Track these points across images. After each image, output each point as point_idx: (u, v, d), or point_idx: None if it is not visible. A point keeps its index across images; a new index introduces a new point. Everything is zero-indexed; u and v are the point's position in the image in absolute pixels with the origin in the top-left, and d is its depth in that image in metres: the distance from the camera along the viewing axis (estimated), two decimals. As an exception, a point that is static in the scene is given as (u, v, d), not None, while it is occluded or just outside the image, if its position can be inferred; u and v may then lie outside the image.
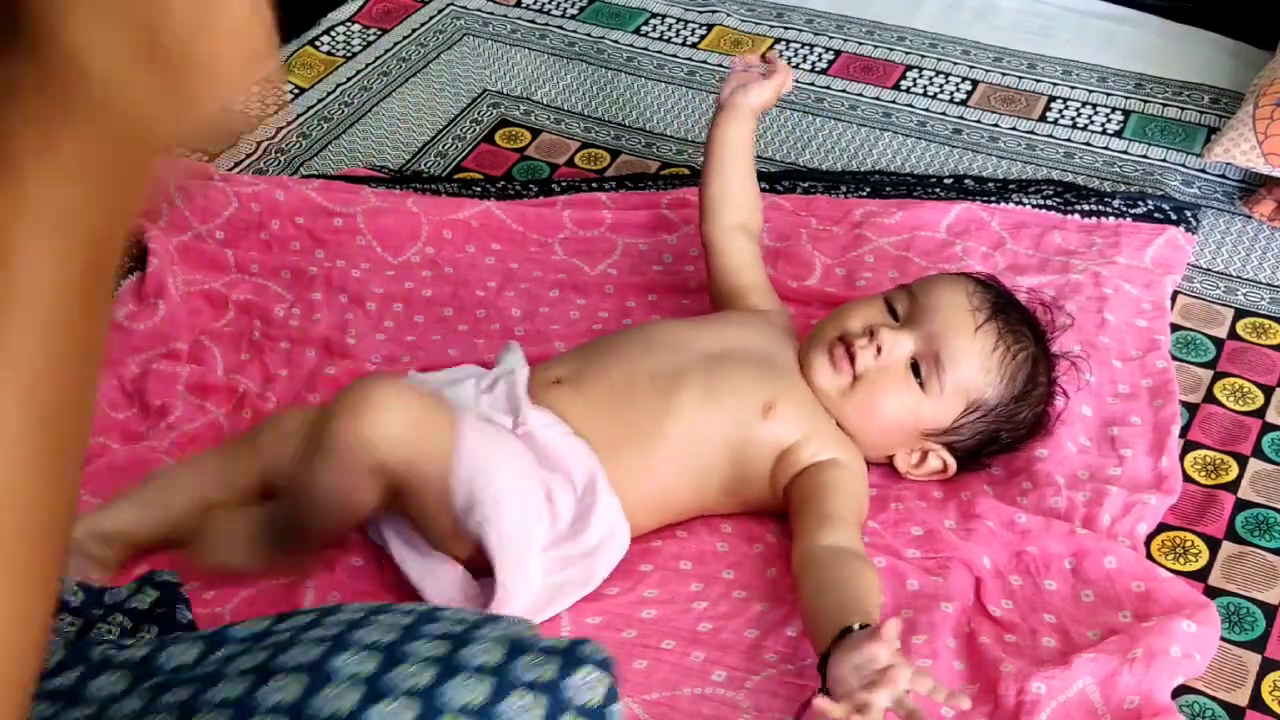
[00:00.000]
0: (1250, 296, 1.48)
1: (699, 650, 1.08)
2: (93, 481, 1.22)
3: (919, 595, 1.13)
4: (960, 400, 1.18)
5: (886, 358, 1.18)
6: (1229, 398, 1.35)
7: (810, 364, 1.21)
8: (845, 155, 1.72)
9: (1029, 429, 1.23)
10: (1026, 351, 1.20)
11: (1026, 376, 1.20)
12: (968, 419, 1.19)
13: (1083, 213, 1.56)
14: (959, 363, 1.17)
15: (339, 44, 1.90)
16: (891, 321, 1.20)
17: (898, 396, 1.18)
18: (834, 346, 1.20)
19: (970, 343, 1.18)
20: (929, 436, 1.20)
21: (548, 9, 2.01)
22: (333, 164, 1.69)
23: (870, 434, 1.20)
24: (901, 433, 1.20)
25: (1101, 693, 1.04)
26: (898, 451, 1.22)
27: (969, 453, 1.22)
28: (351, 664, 0.75)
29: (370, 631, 0.79)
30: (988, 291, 1.22)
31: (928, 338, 1.18)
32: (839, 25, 1.97)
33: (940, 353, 1.17)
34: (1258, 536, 1.21)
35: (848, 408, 1.19)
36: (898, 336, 1.18)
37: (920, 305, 1.20)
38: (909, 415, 1.19)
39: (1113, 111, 1.78)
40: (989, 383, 1.18)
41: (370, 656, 0.76)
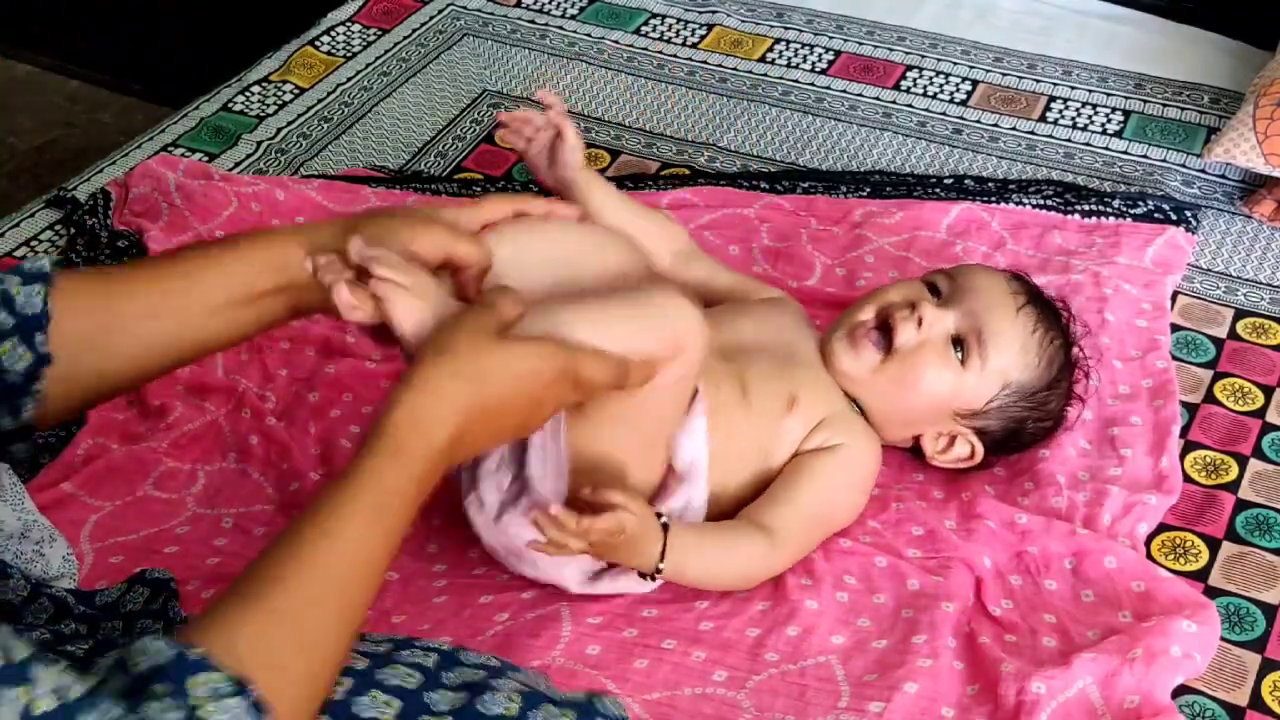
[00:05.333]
0: (1250, 296, 1.48)
1: (700, 649, 1.08)
2: (92, 482, 1.22)
3: (919, 595, 1.13)
4: (998, 380, 1.19)
5: (927, 331, 1.18)
6: (1229, 398, 1.35)
7: (834, 350, 1.21)
8: (845, 155, 1.72)
9: (1053, 422, 1.24)
10: (1061, 340, 1.22)
11: (1060, 365, 1.21)
12: (1001, 400, 1.19)
13: (1083, 213, 1.56)
14: (1001, 341, 1.18)
15: (339, 44, 1.90)
16: (932, 298, 1.21)
17: (937, 371, 1.18)
18: (860, 330, 1.20)
19: (1012, 323, 1.19)
20: (960, 418, 1.20)
21: (548, 9, 2.01)
22: (333, 164, 1.69)
23: (901, 411, 1.20)
24: (934, 410, 1.20)
25: (1101, 693, 1.04)
26: (926, 432, 1.22)
27: (994, 441, 1.22)
28: (374, 710, 0.78)
29: (393, 674, 0.82)
30: (1022, 282, 1.24)
31: (970, 315, 1.19)
32: (839, 25, 1.97)
33: (983, 330, 1.18)
34: (1258, 536, 1.21)
35: (880, 385, 1.19)
36: (939, 312, 1.19)
37: (960, 286, 1.21)
38: (946, 391, 1.19)
39: (1113, 112, 1.78)
40: (1027, 364, 1.19)
41: (391, 701, 0.79)
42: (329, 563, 0.76)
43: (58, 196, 1.58)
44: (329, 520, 0.78)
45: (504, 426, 0.91)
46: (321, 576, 0.76)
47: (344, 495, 0.79)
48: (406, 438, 0.83)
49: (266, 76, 1.81)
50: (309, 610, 0.75)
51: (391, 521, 0.81)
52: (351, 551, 0.78)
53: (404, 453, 0.82)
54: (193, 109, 1.76)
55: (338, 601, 0.77)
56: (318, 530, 0.77)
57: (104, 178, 1.61)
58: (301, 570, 0.75)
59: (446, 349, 0.87)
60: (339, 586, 0.77)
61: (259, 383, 1.34)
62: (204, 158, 1.66)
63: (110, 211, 1.52)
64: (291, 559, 0.76)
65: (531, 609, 1.11)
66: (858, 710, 1.03)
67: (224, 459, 1.28)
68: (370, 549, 0.79)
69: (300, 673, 0.73)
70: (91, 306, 0.91)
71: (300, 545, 0.76)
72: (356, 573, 0.78)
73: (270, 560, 0.76)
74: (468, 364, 0.87)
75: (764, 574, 1.13)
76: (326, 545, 0.77)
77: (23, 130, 2.59)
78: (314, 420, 1.30)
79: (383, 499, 0.80)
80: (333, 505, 0.78)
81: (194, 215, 1.48)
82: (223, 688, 0.68)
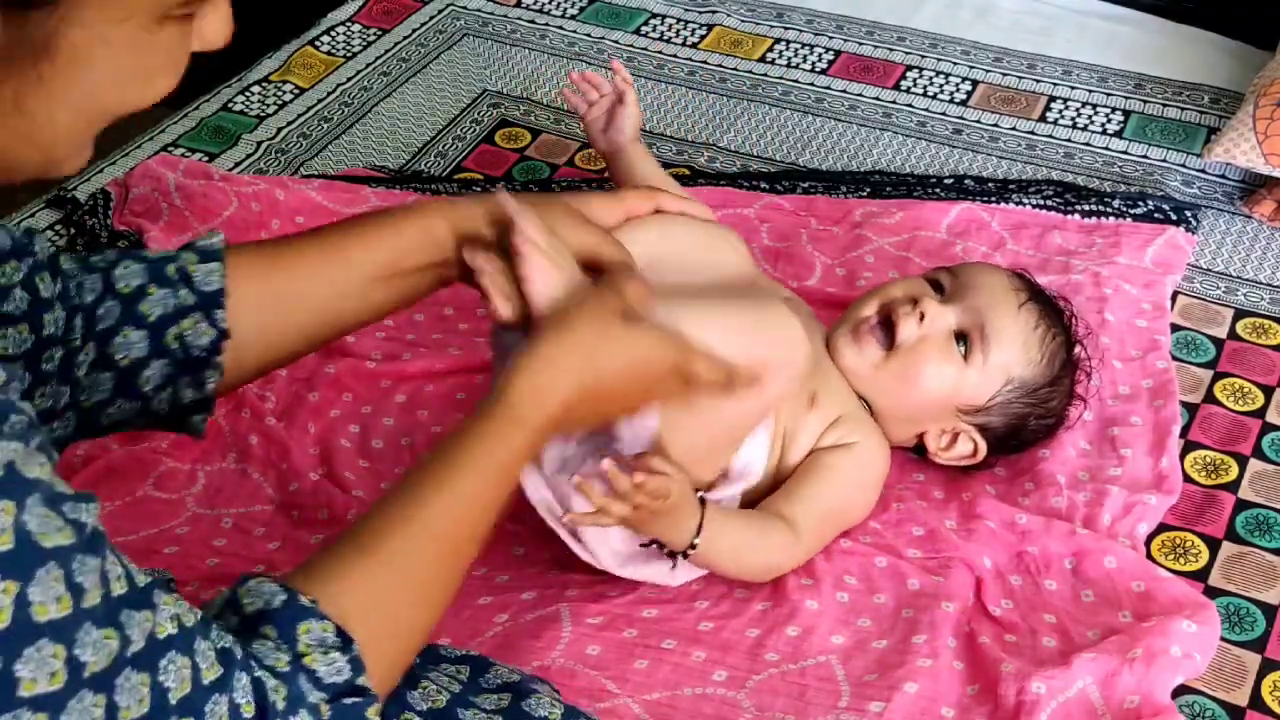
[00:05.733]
0: (1250, 296, 1.48)
1: (700, 649, 1.08)
2: (92, 482, 1.22)
3: (920, 595, 1.13)
4: (1000, 376, 1.19)
5: (929, 326, 1.18)
6: (1229, 398, 1.35)
7: (838, 345, 1.21)
8: (845, 155, 1.72)
9: (1054, 420, 1.24)
10: (1063, 336, 1.22)
11: (1062, 361, 1.21)
12: (1004, 396, 1.19)
13: (1083, 213, 1.56)
14: (1003, 337, 1.18)
15: (339, 44, 1.90)
16: (935, 295, 1.21)
17: (939, 366, 1.18)
18: (863, 325, 1.20)
19: (1014, 320, 1.19)
20: (963, 414, 1.20)
21: (548, 9, 2.01)
22: (333, 164, 1.69)
23: (904, 407, 1.20)
24: (937, 406, 1.20)
25: (1101, 692, 1.04)
26: (929, 429, 1.22)
27: (997, 438, 1.22)
28: (424, 702, 0.82)
29: (423, 696, 0.85)
30: (1023, 279, 1.24)
31: (972, 311, 1.19)
32: (839, 25, 1.97)
33: (985, 326, 1.18)
34: (1258, 536, 1.21)
35: (883, 381, 1.19)
36: (942, 308, 1.19)
37: (963, 283, 1.21)
38: (948, 386, 1.19)
39: (1113, 111, 1.78)
40: (1029, 360, 1.19)
41: None
42: (442, 519, 0.80)
43: (58, 196, 1.58)
44: (446, 478, 0.81)
45: (611, 408, 0.94)
46: (434, 532, 0.79)
47: (461, 455, 0.82)
48: (524, 406, 0.86)
49: (266, 76, 1.81)
50: (419, 564, 0.78)
51: (501, 485, 0.84)
52: (464, 510, 0.81)
53: (521, 420, 0.85)
54: (193, 109, 1.76)
55: (447, 558, 0.80)
56: (434, 486, 0.80)
57: (104, 178, 1.61)
58: (415, 524, 0.78)
59: (573, 325, 0.90)
60: (449, 544, 0.80)
61: (259, 383, 1.33)
62: (204, 158, 1.66)
63: (110, 211, 1.52)
64: (406, 513, 0.79)
65: (531, 610, 1.11)
66: (858, 710, 1.03)
67: (223, 459, 1.27)
68: (481, 509, 0.82)
69: (403, 626, 0.77)
70: (261, 284, 0.96)
71: (416, 501, 0.79)
72: (465, 531, 0.81)
73: (385, 514, 0.79)
74: (589, 343, 0.90)
75: (786, 566, 1.13)
76: (441, 502, 0.80)
77: (23, 130, 2.58)
78: (314, 420, 1.30)
79: (496, 461, 0.83)
80: (450, 463, 0.82)
81: (194, 215, 1.48)
82: (329, 638, 0.72)
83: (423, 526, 0.79)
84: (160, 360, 0.93)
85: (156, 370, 0.93)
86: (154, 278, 0.93)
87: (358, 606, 0.74)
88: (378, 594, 0.76)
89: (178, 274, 0.94)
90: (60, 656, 0.59)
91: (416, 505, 0.79)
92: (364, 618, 0.74)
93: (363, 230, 1.00)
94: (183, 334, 0.93)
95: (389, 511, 0.79)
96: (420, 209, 1.02)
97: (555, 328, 0.90)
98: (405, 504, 0.79)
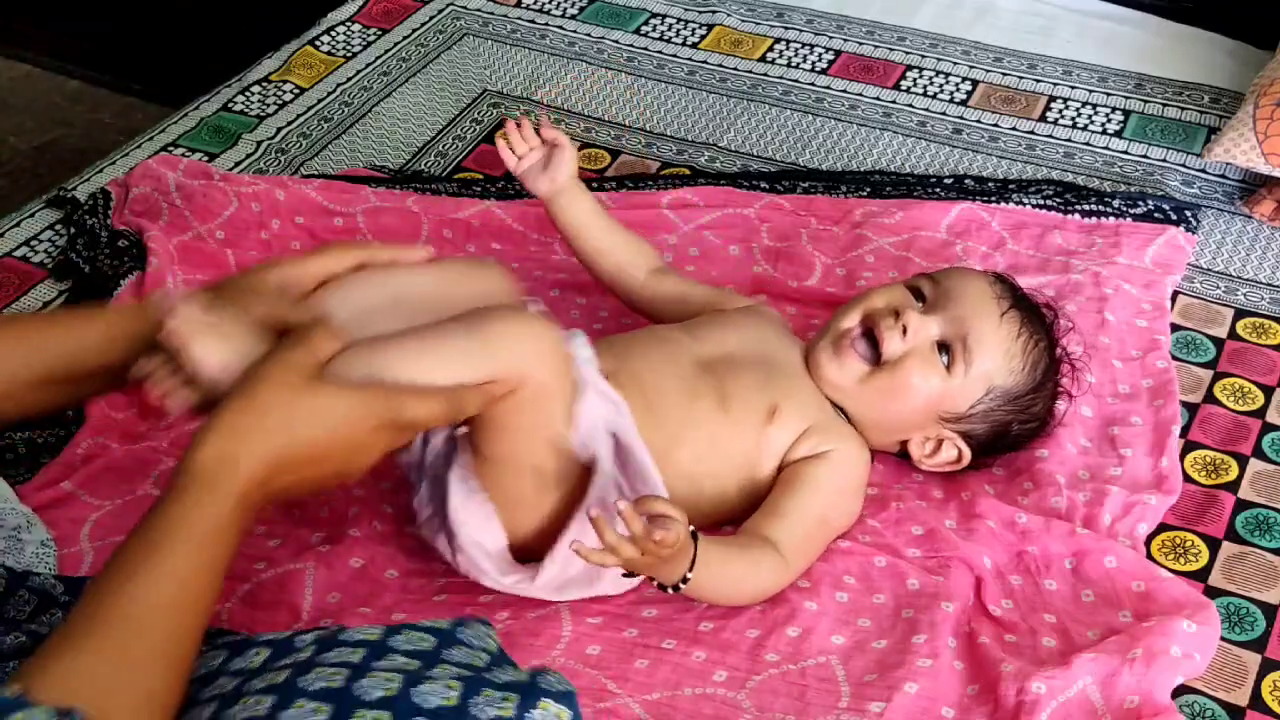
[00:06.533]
0: (1250, 296, 1.48)
1: (700, 650, 1.08)
2: (92, 481, 1.22)
3: (919, 594, 1.13)
4: (982, 385, 1.19)
5: (912, 340, 1.18)
6: (1229, 398, 1.35)
7: (820, 360, 1.20)
8: (845, 155, 1.72)
9: (1039, 424, 1.24)
10: (1045, 343, 1.21)
11: (1045, 368, 1.21)
12: (985, 404, 1.19)
13: (1083, 213, 1.56)
14: (985, 346, 1.18)
15: (339, 44, 1.90)
16: (916, 304, 1.21)
17: (923, 377, 1.18)
18: (845, 340, 1.19)
19: (996, 328, 1.19)
20: (945, 422, 1.20)
21: (548, 9, 2.01)
22: (333, 164, 1.69)
23: (889, 418, 1.20)
24: (920, 415, 1.20)
25: (1101, 692, 1.04)
26: (912, 437, 1.22)
27: (980, 444, 1.22)
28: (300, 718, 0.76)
29: (317, 676, 0.80)
30: (1006, 284, 1.23)
31: (954, 321, 1.19)
32: (839, 25, 1.97)
33: (968, 336, 1.18)
34: (1258, 536, 1.21)
35: (867, 394, 1.19)
36: (924, 319, 1.19)
37: (945, 290, 1.21)
38: (932, 397, 1.19)
39: (1113, 111, 1.78)
40: (1011, 369, 1.19)
41: (320, 709, 0.77)
42: (150, 597, 0.78)
43: (58, 196, 1.58)
44: (145, 558, 0.79)
45: (323, 471, 0.90)
46: (143, 614, 0.78)
47: (160, 535, 0.81)
48: (212, 476, 0.83)
49: (266, 76, 1.81)
50: (134, 644, 0.77)
51: (207, 555, 0.81)
52: (171, 586, 0.79)
53: (213, 490, 0.83)
54: (193, 109, 1.76)
55: (163, 633, 0.78)
56: (141, 565, 0.79)
57: (104, 178, 1.61)
58: (129, 608, 0.77)
59: (254, 391, 0.87)
60: (162, 620, 0.78)
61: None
62: (204, 158, 1.66)
63: (110, 211, 1.52)
64: (118, 597, 0.78)
65: (532, 609, 1.11)
66: (858, 710, 1.03)
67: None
68: (191, 581, 0.80)
69: (130, 701, 0.75)
70: None
71: (120, 583, 0.78)
72: (178, 605, 0.79)
73: (93, 601, 0.78)
74: (275, 413, 0.86)
75: (777, 589, 1.12)
76: (147, 583, 0.78)
77: (23, 130, 2.59)
78: (314, 420, 1.30)
79: (196, 534, 0.81)
80: (149, 544, 0.80)
81: (194, 215, 1.48)
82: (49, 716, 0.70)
83: (132, 610, 0.77)
84: None
85: None
86: None
87: (82, 690, 0.73)
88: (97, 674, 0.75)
89: None
90: None
91: (120, 587, 0.78)
92: (87, 697, 0.72)
93: (26, 331, 0.98)
94: None
95: (99, 598, 0.78)
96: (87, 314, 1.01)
97: (237, 395, 0.87)
98: (110, 589, 0.78)
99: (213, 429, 0.85)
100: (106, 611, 0.77)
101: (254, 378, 0.88)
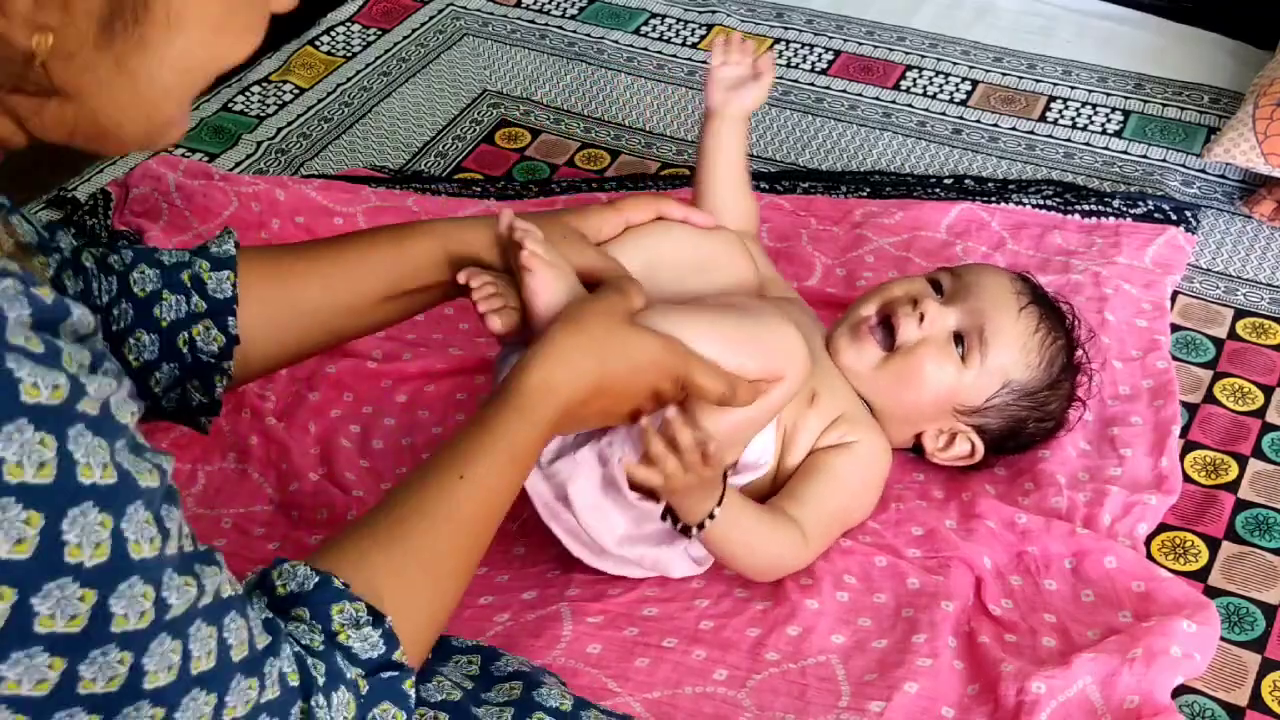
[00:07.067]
0: (1250, 296, 1.49)
1: (700, 648, 1.08)
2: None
3: (919, 594, 1.13)
4: (998, 378, 1.19)
5: (929, 328, 1.18)
6: (1229, 398, 1.35)
7: (838, 345, 1.21)
8: (845, 155, 1.72)
9: (1053, 423, 1.24)
10: (1063, 341, 1.22)
11: (1061, 366, 1.21)
12: (1001, 399, 1.19)
13: (1083, 213, 1.56)
14: (1002, 340, 1.18)
15: (339, 44, 1.90)
16: (935, 295, 1.21)
17: (938, 366, 1.18)
18: (863, 325, 1.20)
19: (1014, 323, 1.19)
20: (960, 415, 1.20)
21: (548, 9, 2.01)
22: (333, 164, 1.69)
23: (902, 407, 1.20)
24: (934, 406, 1.20)
25: (1101, 692, 1.04)
26: (927, 430, 1.22)
27: (995, 439, 1.22)
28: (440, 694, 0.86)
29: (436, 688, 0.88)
30: (1026, 282, 1.24)
31: (972, 313, 1.19)
32: (839, 25, 1.97)
33: (985, 328, 1.18)
34: (1258, 536, 1.21)
35: (882, 381, 1.19)
36: (942, 310, 1.19)
37: (965, 283, 1.21)
38: (946, 387, 1.19)
39: (1113, 111, 1.78)
40: (1028, 363, 1.19)
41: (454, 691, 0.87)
42: (462, 506, 0.83)
43: (58, 196, 1.58)
44: (464, 466, 0.84)
45: (616, 407, 0.96)
46: (455, 518, 0.83)
47: (478, 444, 0.86)
48: (537, 399, 0.89)
49: (266, 76, 1.81)
50: (441, 548, 0.82)
51: (515, 474, 0.88)
52: (481, 497, 0.85)
53: (534, 413, 0.89)
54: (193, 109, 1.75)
55: (466, 542, 0.84)
56: (453, 474, 0.84)
57: (104, 178, 1.61)
58: (438, 511, 0.82)
59: (581, 324, 0.93)
60: (468, 529, 0.84)
61: (259, 382, 1.33)
62: (204, 158, 1.66)
63: (110, 211, 1.52)
64: (428, 500, 0.82)
65: (532, 609, 1.11)
66: (858, 710, 1.03)
67: (224, 459, 1.28)
68: (496, 496, 0.86)
69: (428, 607, 0.80)
70: (271, 293, 0.99)
71: (436, 488, 0.83)
72: (483, 517, 0.85)
73: (406, 500, 0.82)
74: (598, 340, 0.93)
75: (792, 566, 1.13)
76: (462, 490, 0.84)
77: (23, 130, 2.58)
78: (314, 420, 1.30)
79: (511, 452, 0.87)
80: (467, 452, 0.85)
81: (194, 215, 1.48)
82: (362, 617, 0.75)
83: (441, 513, 0.82)
84: (171, 363, 0.96)
85: (167, 372, 0.96)
86: (168, 283, 0.96)
87: (387, 589, 0.77)
88: (403, 577, 0.79)
89: (191, 281, 0.97)
90: (149, 597, 0.62)
91: (436, 491, 0.83)
92: (392, 599, 0.77)
93: (370, 249, 1.03)
94: (194, 339, 0.96)
95: (408, 499, 0.83)
96: (425, 230, 1.05)
97: (565, 326, 0.93)
98: (424, 491, 0.83)
99: (542, 354, 0.91)
100: (415, 512, 0.82)
101: (583, 312, 0.94)
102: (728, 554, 1.10)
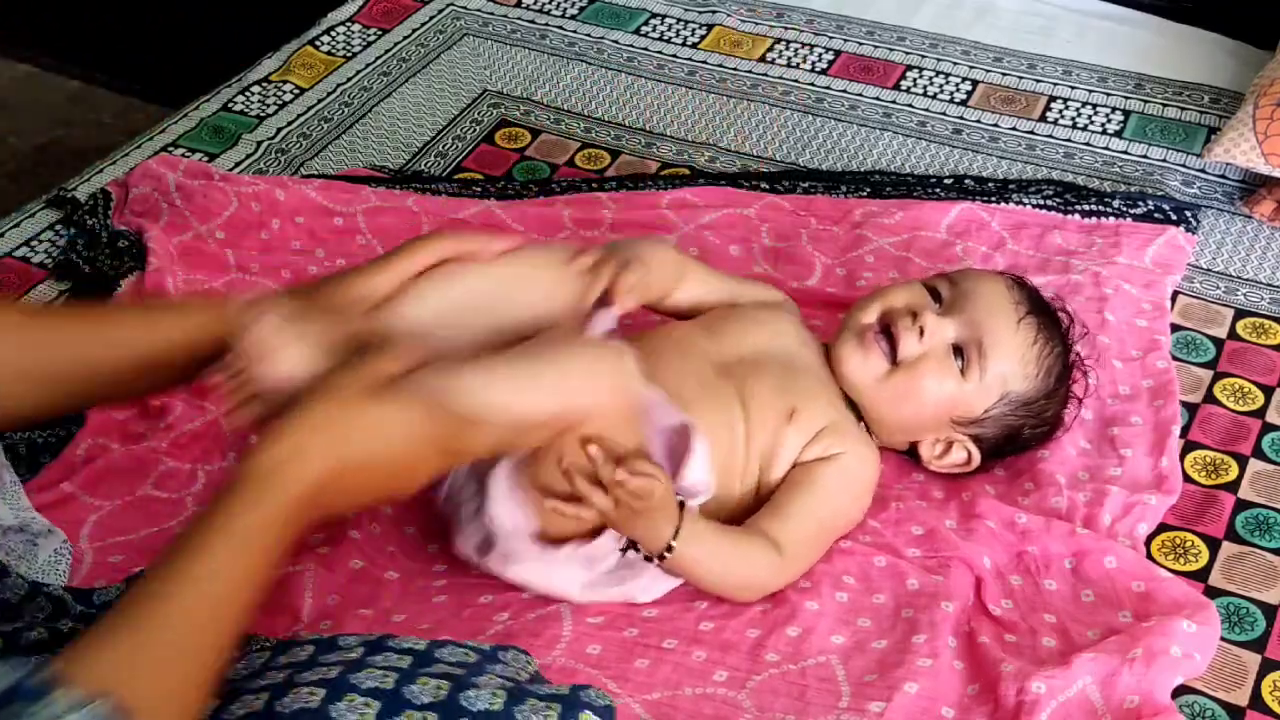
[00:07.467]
0: (1250, 296, 1.49)
1: (700, 649, 1.08)
2: (92, 481, 1.22)
3: (919, 594, 1.13)
4: (997, 389, 1.19)
5: (929, 341, 1.18)
6: (1229, 398, 1.35)
7: (843, 355, 1.20)
8: (845, 155, 1.72)
9: (1050, 428, 1.24)
10: (1060, 349, 1.21)
11: (1059, 375, 1.21)
12: (999, 409, 1.19)
13: (1083, 213, 1.56)
14: (1001, 352, 1.18)
15: (339, 44, 1.90)
16: (934, 305, 1.20)
17: (938, 381, 1.18)
18: (869, 333, 1.19)
19: (1013, 334, 1.19)
20: (957, 425, 1.20)
21: (548, 9, 2.01)
22: (333, 164, 1.69)
23: (902, 419, 1.20)
24: (933, 418, 1.20)
25: (1101, 692, 1.04)
26: (924, 439, 1.22)
27: (991, 447, 1.22)
28: (351, 714, 0.79)
29: (368, 676, 0.83)
30: (1024, 289, 1.23)
31: (970, 324, 1.18)
32: (839, 25, 1.97)
33: (984, 340, 1.18)
34: (1258, 536, 1.21)
35: (884, 393, 1.19)
36: (941, 322, 1.19)
37: (962, 292, 1.21)
38: (945, 400, 1.19)
39: (1113, 111, 1.78)
40: (1026, 375, 1.19)
41: (369, 704, 0.80)
42: (192, 597, 0.80)
43: (58, 196, 1.58)
44: (189, 562, 0.81)
45: (374, 489, 0.92)
46: (184, 610, 0.79)
47: (208, 530, 0.82)
48: (266, 484, 0.84)
49: (266, 76, 1.81)
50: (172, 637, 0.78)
51: (253, 558, 0.83)
52: (217, 583, 0.81)
53: (265, 497, 0.84)
54: (193, 109, 1.76)
55: (201, 630, 0.80)
56: (187, 559, 0.81)
57: (104, 178, 1.61)
58: (166, 604, 0.79)
59: (312, 407, 0.88)
60: (203, 617, 0.80)
61: (259, 383, 1.33)
62: (204, 158, 1.66)
63: (110, 211, 1.52)
64: (155, 593, 0.79)
65: (532, 609, 1.11)
66: (858, 710, 1.03)
67: (224, 459, 1.27)
68: (234, 582, 0.82)
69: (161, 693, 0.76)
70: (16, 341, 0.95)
71: (165, 581, 0.80)
72: (219, 604, 0.81)
73: (137, 594, 0.79)
74: (333, 424, 0.88)
75: (770, 586, 1.12)
76: (190, 582, 0.80)
77: (23, 130, 2.59)
78: (314, 420, 1.30)
79: (245, 536, 0.82)
80: (197, 544, 0.81)
81: (194, 215, 1.48)
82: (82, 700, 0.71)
83: (173, 610, 0.79)
84: None
85: None
86: None
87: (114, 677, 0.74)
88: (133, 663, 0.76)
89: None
90: None
91: (169, 584, 0.80)
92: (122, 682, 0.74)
93: (121, 319, 1.01)
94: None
95: (142, 595, 0.79)
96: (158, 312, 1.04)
97: (298, 410, 0.88)
98: (159, 583, 0.80)
99: (273, 438, 0.86)
100: (148, 605, 0.79)
101: (317, 391, 0.89)
102: (696, 577, 1.10)
